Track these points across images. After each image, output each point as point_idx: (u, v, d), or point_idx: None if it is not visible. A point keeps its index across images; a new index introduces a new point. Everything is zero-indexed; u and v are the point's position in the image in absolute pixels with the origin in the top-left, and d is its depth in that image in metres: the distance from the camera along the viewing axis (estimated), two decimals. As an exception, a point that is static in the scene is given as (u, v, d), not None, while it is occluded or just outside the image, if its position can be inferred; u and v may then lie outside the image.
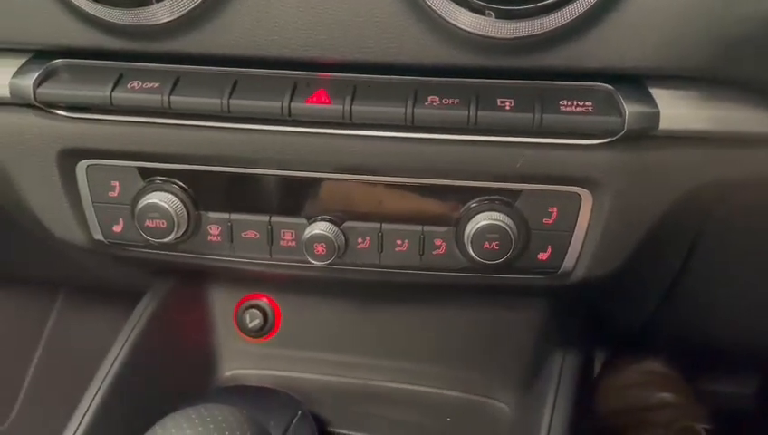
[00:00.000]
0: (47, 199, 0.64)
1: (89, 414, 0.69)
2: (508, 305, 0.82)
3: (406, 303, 0.85)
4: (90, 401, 0.70)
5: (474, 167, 0.58)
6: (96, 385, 0.71)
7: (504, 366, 0.85)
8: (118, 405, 0.72)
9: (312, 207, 0.63)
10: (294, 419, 0.72)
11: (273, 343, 0.89)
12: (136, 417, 0.75)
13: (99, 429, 0.69)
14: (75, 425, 0.68)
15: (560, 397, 0.69)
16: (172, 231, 0.62)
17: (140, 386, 0.76)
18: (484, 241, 0.59)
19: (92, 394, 0.70)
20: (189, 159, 0.61)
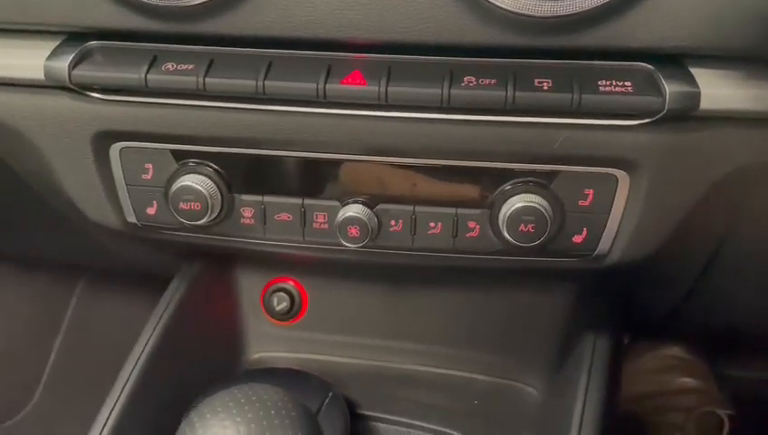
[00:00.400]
0: (81, 182, 0.64)
1: (122, 398, 0.70)
2: (536, 288, 0.81)
3: (433, 286, 0.85)
4: (122, 385, 0.70)
5: (510, 148, 0.58)
6: (128, 369, 0.72)
7: (532, 350, 0.84)
8: (150, 388, 0.72)
9: (345, 189, 0.62)
10: (326, 401, 0.72)
11: (300, 327, 0.89)
12: (168, 400, 0.76)
13: (132, 412, 0.70)
14: (109, 409, 0.69)
15: (592, 382, 0.69)
16: (206, 214, 0.62)
17: (171, 369, 0.76)
18: (520, 223, 0.59)
19: (125, 378, 0.71)
20: (223, 141, 0.61)
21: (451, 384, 0.86)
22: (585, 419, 0.65)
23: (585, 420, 0.65)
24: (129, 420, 0.69)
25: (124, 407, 0.69)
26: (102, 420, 0.68)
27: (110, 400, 0.70)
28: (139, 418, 0.71)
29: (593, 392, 0.67)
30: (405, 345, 0.89)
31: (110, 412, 0.69)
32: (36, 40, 0.60)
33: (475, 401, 0.84)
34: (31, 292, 1.74)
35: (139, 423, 0.71)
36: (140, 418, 0.71)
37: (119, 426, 0.68)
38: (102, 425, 0.68)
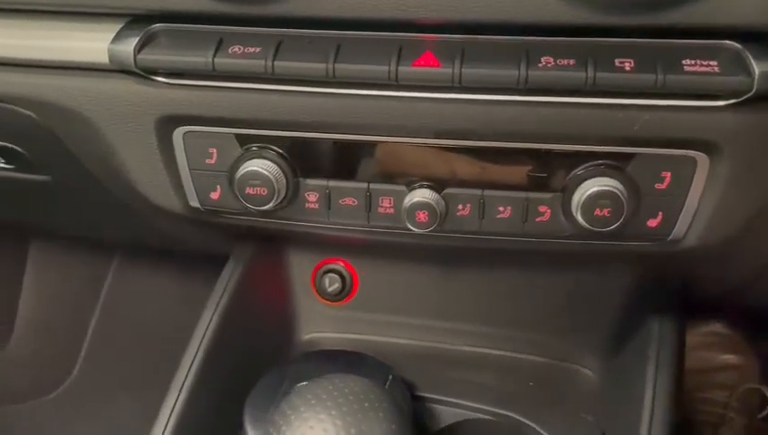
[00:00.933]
0: (144, 166, 0.64)
1: (187, 382, 0.70)
2: (595, 268, 0.80)
3: (487, 265, 0.84)
4: (187, 370, 0.71)
5: (588, 131, 0.56)
6: (192, 353, 0.72)
7: (588, 331, 0.83)
8: (213, 372, 0.73)
9: (412, 173, 0.61)
10: (386, 383, 0.72)
11: (351, 307, 0.89)
12: (229, 382, 0.76)
13: (198, 395, 0.70)
14: (175, 393, 0.69)
15: (661, 367, 0.68)
16: (272, 198, 0.61)
17: (231, 352, 0.76)
18: (595, 208, 0.57)
19: (189, 362, 0.71)
20: (290, 125, 0.60)
21: (505, 366, 0.86)
22: (656, 408, 0.64)
23: (656, 410, 0.64)
24: (195, 403, 0.70)
25: (190, 391, 0.70)
26: (170, 404, 0.69)
27: (175, 384, 0.70)
28: (204, 401, 0.71)
29: (663, 379, 0.66)
30: (458, 326, 0.88)
31: (176, 396, 0.69)
32: (99, 23, 0.59)
33: (531, 383, 0.84)
34: (67, 268, 1.76)
35: (205, 406, 0.72)
36: (205, 401, 0.72)
37: (186, 409, 0.69)
38: (171, 409, 0.68)
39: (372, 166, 0.61)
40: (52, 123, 0.65)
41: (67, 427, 1.69)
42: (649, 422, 0.64)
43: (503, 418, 0.76)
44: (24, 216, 1.19)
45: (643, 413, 0.65)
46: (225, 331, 0.75)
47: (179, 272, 1.70)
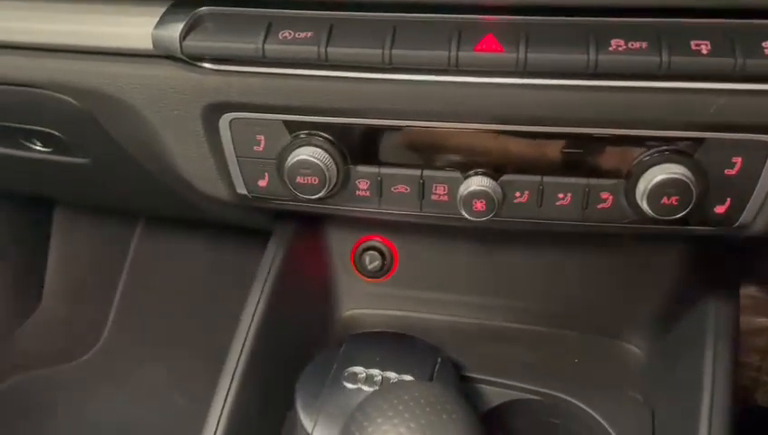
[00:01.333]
0: (190, 154, 0.62)
1: (240, 365, 0.70)
2: (645, 245, 0.78)
3: (530, 241, 0.82)
4: (238, 353, 0.70)
5: (659, 116, 0.53)
6: (241, 336, 0.72)
7: (636, 307, 0.82)
8: (263, 353, 0.73)
9: (468, 160, 0.59)
10: (436, 366, 0.72)
11: (392, 283, 0.88)
12: (279, 363, 0.76)
13: (251, 378, 0.71)
14: (228, 377, 0.69)
15: (720, 348, 0.66)
16: (323, 188, 0.59)
17: (279, 332, 0.76)
18: (662, 196, 0.55)
19: (239, 345, 0.71)
20: (342, 112, 0.57)
21: (549, 342, 0.85)
22: (716, 392, 0.63)
23: (716, 395, 0.63)
24: (247, 386, 0.70)
25: (243, 374, 0.70)
26: (224, 389, 0.69)
27: (227, 369, 0.70)
28: (255, 384, 0.72)
29: (723, 364, 0.65)
30: (500, 302, 0.87)
31: (229, 382, 0.69)
32: (140, 6, 0.56)
33: (576, 360, 0.83)
34: (92, 232, 1.76)
35: (256, 389, 0.72)
36: (257, 383, 0.72)
37: (239, 394, 0.69)
38: (225, 393, 0.69)
39: (426, 152, 0.59)
40: (92, 109, 0.63)
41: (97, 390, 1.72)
42: (710, 407, 0.63)
43: (551, 398, 0.76)
44: (56, 192, 1.18)
45: (702, 397, 0.64)
46: (271, 312, 0.75)
47: (207, 236, 1.70)
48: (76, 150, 0.73)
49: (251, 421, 0.72)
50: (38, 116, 0.67)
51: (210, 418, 0.68)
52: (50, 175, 0.85)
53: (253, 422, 0.72)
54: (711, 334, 0.69)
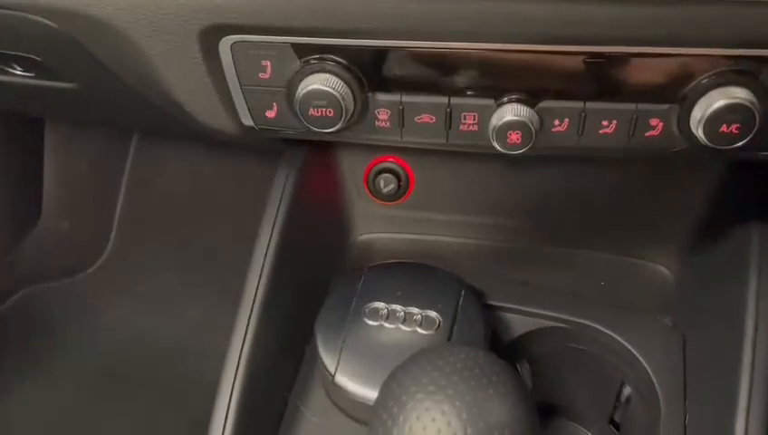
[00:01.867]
0: (189, 84, 0.56)
1: (258, 296, 0.68)
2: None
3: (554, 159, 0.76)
4: (256, 284, 0.68)
5: (720, 32, 0.46)
6: (257, 268, 0.69)
7: (666, 226, 0.78)
8: (281, 284, 0.71)
9: (501, 85, 0.52)
10: (460, 299, 0.69)
11: (407, 206, 0.84)
12: (297, 292, 0.73)
13: (270, 309, 0.68)
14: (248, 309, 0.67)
15: (766, 275, 0.62)
16: (340, 120, 0.53)
17: (295, 260, 0.73)
18: (722, 124, 0.49)
19: (256, 277, 0.68)
20: (358, 32, 0.50)
21: (574, 263, 0.82)
22: (761, 319, 0.60)
23: (761, 322, 0.60)
24: (267, 317, 0.68)
25: (262, 304, 0.68)
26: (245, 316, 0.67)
27: (246, 300, 0.67)
28: (275, 314, 0.69)
29: (766, 286, 0.61)
30: (521, 223, 0.83)
31: (249, 314, 0.67)
32: None
33: (602, 283, 0.80)
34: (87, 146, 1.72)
35: (276, 320, 0.70)
36: (276, 314, 0.70)
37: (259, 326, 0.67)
38: (245, 326, 0.66)
39: (454, 77, 0.52)
40: (76, 34, 0.56)
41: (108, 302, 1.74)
42: (753, 335, 0.60)
43: (577, 326, 0.73)
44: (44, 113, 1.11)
45: (746, 326, 0.61)
46: (285, 239, 0.71)
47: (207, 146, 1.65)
48: (61, 75, 0.66)
49: (272, 355, 0.70)
50: (13, 41, 0.60)
51: (230, 355, 0.66)
52: (35, 97, 0.78)
53: (274, 355, 0.70)
54: (755, 260, 0.65)
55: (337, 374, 0.64)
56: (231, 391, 0.64)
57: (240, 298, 0.69)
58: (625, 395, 0.75)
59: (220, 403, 0.64)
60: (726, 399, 0.60)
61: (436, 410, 0.36)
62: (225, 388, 0.64)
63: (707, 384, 0.65)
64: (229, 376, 0.65)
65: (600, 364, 0.75)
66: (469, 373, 0.38)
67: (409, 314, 0.67)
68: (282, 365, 0.71)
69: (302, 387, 0.70)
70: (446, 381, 0.38)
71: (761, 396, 0.58)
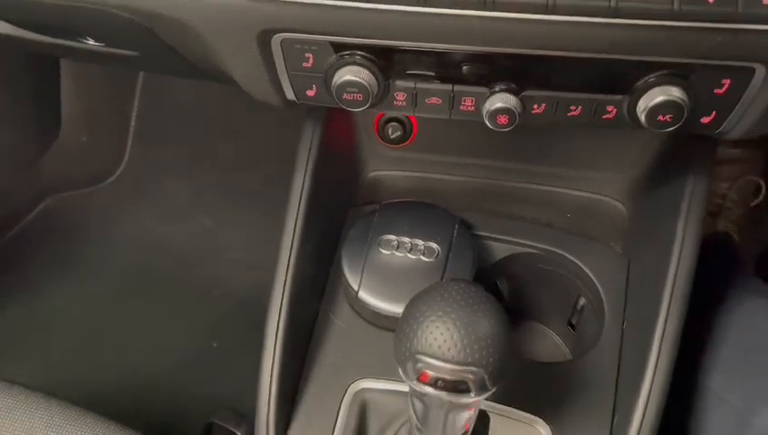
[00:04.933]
0: (247, 70, 0.69)
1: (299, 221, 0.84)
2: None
3: None
4: (293, 228, 0.83)
5: (665, 47, 0.61)
6: (293, 214, 0.84)
7: (622, 169, 0.95)
8: (313, 211, 0.86)
9: (494, 77, 0.67)
10: (455, 232, 0.86)
11: (411, 149, 0.99)
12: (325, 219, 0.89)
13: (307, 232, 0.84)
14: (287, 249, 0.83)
15: (692, 213, 0.79)
16: (367, 102, 0.68)
17: (323, 192, 0.89)
18: (659, 114, 0.65)
19: (292, 222, 0.83)
20: (383, 38, 0.64)
21: (547, 200, 0.99)
22: (687, 236, 0.79)
23: (687, 238, 0.78)
24: (305, 242, 0.84)
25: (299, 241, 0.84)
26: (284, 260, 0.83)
27: (285, 241, 0.83)
28: (310, 238, 0.85)
29: (693, 214, 0.79)
30: (504, 165, 0.99)
31: (288, 254, 0.83)
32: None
33: (568, 215, 0.97)
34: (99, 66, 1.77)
35: (311, 243, 0.85)
36: (309, 250, 0.85)
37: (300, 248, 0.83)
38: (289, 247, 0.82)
39: (458, 70, 0.67)
40: (152, 26, 0.68)
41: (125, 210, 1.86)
42: (677, 262, 0.79)
43: (545, 251, 0.92)
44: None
45: (672, 251, 0.79)
46: (315, 180, 0.86)
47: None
48: (128, 47, 0.79)
49: (309, 271, 0.86)
50: (94, 27, 0.72)
51: (278, 274, 0.83)
52: (93, 57, 0.90)
53: (310, 271, 0.87)
54: (686, 200, 0.82)
55: (360, 291, 0.82)
56: (281, 299, 0.81)
57: (282, 226, 0.85)
58: (580, 305, 0.95)
59: (273, 309, 0.82)
60: (652, 309, 0.79)
61: (443, 326, 0.54)
62: (276, 299, 0.82)
63: (641, 297, 0.85)
64: (279, 288, 0.82)
65: (563, 281, 0.94)
66: (465, 302, 0.55)
67: (415, 244, 0.84)
68: (315, 281, 0.89)
69: (329, 299, 0.88)
70: (449, 307, 0.55)
71: (677, 305, 0.78)
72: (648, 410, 0.75)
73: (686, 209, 0.82)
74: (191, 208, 1.83)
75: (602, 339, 0.85)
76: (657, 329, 0.77)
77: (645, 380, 0.76)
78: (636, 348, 0.81)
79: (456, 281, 0.58)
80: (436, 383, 0.55)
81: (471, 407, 0.59)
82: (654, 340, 0.77)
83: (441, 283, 0.58)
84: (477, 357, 0.54)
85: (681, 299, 0.78)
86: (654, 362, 0.77)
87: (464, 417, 0.60)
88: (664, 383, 0.77)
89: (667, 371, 0.77)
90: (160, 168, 1.89)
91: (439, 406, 0.58)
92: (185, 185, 1.83)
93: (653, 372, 0.76)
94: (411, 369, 0.56)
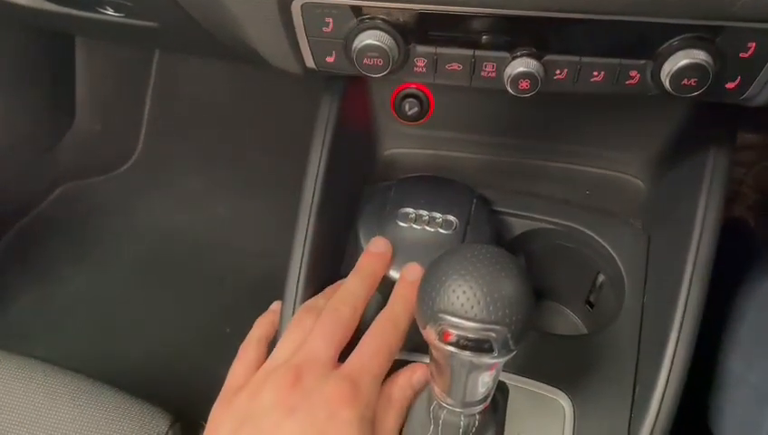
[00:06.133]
0: (267, 36, 0.69)
1: (316, 197, 0.84)
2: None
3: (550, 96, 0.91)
4: (312, 186, 0.84)
5: (690, 8, 0.60)
6: (313, 173, 0.84)
7: (642, 148, 0.94)
8: (330, 187, 0.86)
9: (515, 41, 0.66)
10: (472, 206, 0.85)
11: (428, 126, 0.98)
12: (342, 194, 0.89)
13: (324, 207, 0.84)
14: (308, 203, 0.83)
15: (714, 190, 0.79)
16: (388, 67, 0.67)
17: (340, 168, 0.89)
18: (683, 78, 0.64)
19: (312, 182, 0.84)
20: (405, 1, 0.63)
21: (566, 176, 0.98)
22: (708, 213, 0.78)
23: (708, 215, 0.78)
24: (322, 219, 0.84)
25: (318, 205, 0.84)
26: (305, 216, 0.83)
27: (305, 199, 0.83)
28: (327, 215, 0.85)
29: (715, 190, 0.78)
30: (522, 142, 0.98)
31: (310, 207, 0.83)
32: None
33: (587, 192, 0.96)
34: (115, 51, 1.80)
35: (327, 219, 0.85)
36: (327, 213, 0.85)
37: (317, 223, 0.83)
38: (308, 213, 0.83)
39: (479, 34, 0.66)
40: None
41: (140, 199, 1.88)
42: (698, 238, 0.78)
43: (564, 227, 0.91)
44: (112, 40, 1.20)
45: (694, 228, 0.78)
46: (332, 155, 0.86)
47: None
48: (147, 17, 0.79)
49: (326, 240, 0.86)
50: None
51: (295, 249, 0.82)
52: (110, 30, 0.91)
53: (328, 240, 0.87)
54: (707, 177, 0.81)
55: (377, 263, 0.81)
56: (298, 275, 0.81)
57: (300, 198, 0.84)
58: (599, 282, 0.94)
59: (292, 272, 0.81)
60: (674, 283, 0.78)
61: (465, 285, 0.53)
62: (293, 275, 0.81)
63: (662, 273, 0.84)
64: (295, 265, 0.81)
65: (581, 257, 0.93)
66: (488, 262, 0.55)
67: (432, 217, 0.83)
68: (332, 257, 0.89)
69: (348, 268, 0.87)
70: (472, 266, 0.54)
71: (699, 280, 0.77)
72: (669, 382, 0.74)
73: (707, 186, 0.80)
74: (205, 196, 1.84)
75: (622, 314, 0.84)
76: (678, 304, 0.76)
77: (667, 352, 0.75)
78: (657, 322, 0.80)
79: (477, 244, 0.57)
80: (459, 342, 0.54)
81: (493, 367, 0.58)
82: (676, 314, 0.76)
83: (463, 245, 0.57)
84: (501, 315, 0.53)
85: (703, 274, 0.77)
86: (676, 337, 0.76)
87: (485, 379, 0.59)
88: (686, 358, 0.76)
89: (689, 346, 0.76)
90: (174, 156, 1.90)
91: (461, 366, 0.57)
92: (198, 173, 1.85)
93: (675, 344, 0.75)
94: (433, 329, 0.55)
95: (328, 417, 0.59)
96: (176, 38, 0.89)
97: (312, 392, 0.61)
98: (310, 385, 0.61)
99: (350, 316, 0.70)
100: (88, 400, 0.92)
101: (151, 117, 1.90)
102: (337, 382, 0.62)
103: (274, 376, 0.63)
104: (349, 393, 0.61)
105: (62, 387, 0.91)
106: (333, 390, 0.61)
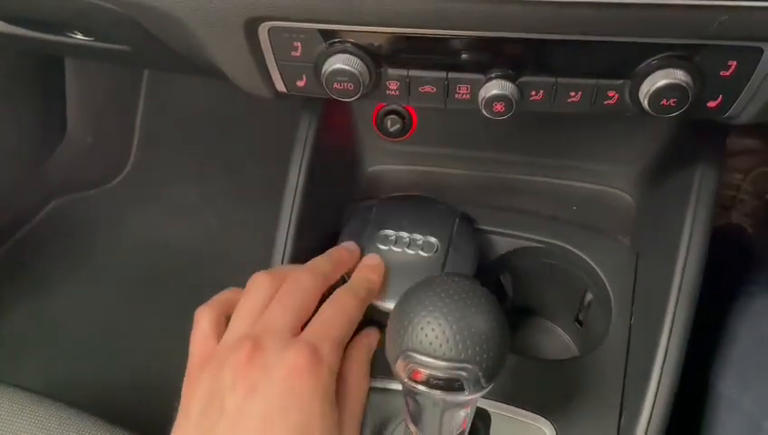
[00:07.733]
0: (233, 59, 0.67)
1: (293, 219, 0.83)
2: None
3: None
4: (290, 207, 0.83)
5: (668, 28, 0.58)
6: (290, 195, 0.83)
7: (629, 161, 0.92)
8: (310, 201, 0.85)
9: (489, 63, 0.64)
10: (455, 227, 0.83)
11: (411, 142, 0.97)
12: (322, 213, 0.87)
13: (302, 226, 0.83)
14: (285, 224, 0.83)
15: (701, 204, 0.76)
16: (359, 91, 0.65)
17: (320, 186, 0.88)
18: (662, 99, 0.62)
19: (290, 202, 0.82)
20: (373, 24, 0.62)
21: (552, 191, 0.96)
22: (695, 227, 0.76)
23: (695, 230, 0.76)
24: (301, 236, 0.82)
25: (296, 225, 0.83)
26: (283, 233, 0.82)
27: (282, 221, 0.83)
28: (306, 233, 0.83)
29: (702, 205, 0.76)
30: (506, 157, 0.97)
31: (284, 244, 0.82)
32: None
33: (574, 207, 0.94)
34: (106, 65, 1.79)
35: (307, 233, 0.84)
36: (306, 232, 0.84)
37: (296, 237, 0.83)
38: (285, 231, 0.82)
39: (451, 56, 0.64)
40: (135, 16, 0.67)
41: (132, 211, 1.88)
42: (686, 253, 0.75)
43: (550, 245, 0.89)
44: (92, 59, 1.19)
45: (680, 243, 0.76)
46: (311, 173, 0.85)
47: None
48: (117, 41, 0.77)
49: None
50: (78, 19, 0.71)
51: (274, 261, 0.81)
52: (86, 52, 0.89)
53: None
54: (695, 192, 0.79)
55: (356, 288, 0.79)
56: None
57: (278, 217, 0.83)
58: (587, 300, 0.92)
59: None
60: (660, 304, 0.76)
61: (434, 323, 0.51)
62: None
63: (649, 292, 0.82)
64: None
65: (568, 276, 0.91)
66: (458, 297, 0.53)
67: (413, 239, 0.81)
68: None
69: None
70: (441, 302, 0.52)
71: (685, 300, 0.75)
72: (655, 410, 0.72)
73: (694, 200, 0.78)
74: (197, 209, 1.84)
75: (609, 336, 0.82)
76: (664, 325, 0.74)
77: (652, 379, 0.73)
78: (644, 345, 0.78)
79: (449, 275, 0.55)
80: (429, 382, 0.53)
81: (467, 405, 0.56)
82: (662, 337, 0.74)
83: (433, 277, 0.55)
84: (471, 353, 0.51)
85: (690, 293, 0.75)
86: (661, 361, 0.74)
87: (460, 416, 0.57)
88: (672, 383, 0.74)
89: (675, 369, 0.74)
90: (166, 168, 1.89)
91: (434, 405, 0.55)
92: (191, 185, 1.84)
93: (660, 370, 0.73)
94: (403, 367, 0.53)
95: (288, 391, 0.57)
96: (151, 59, 0.88)
97: (273, 366, 0.59)
98: (269, 358, 0.59)
99: (313, 286, 0.68)
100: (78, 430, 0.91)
101: (143, 129, 1.89)
102: (297, 350, 0.60)
103: (235, 351, 0.61)
104: (309, 360, 0.59)
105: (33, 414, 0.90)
106: (293, 358, 0.59)
